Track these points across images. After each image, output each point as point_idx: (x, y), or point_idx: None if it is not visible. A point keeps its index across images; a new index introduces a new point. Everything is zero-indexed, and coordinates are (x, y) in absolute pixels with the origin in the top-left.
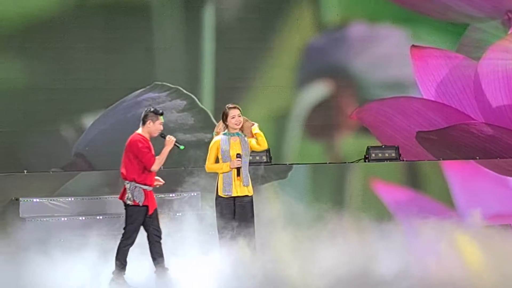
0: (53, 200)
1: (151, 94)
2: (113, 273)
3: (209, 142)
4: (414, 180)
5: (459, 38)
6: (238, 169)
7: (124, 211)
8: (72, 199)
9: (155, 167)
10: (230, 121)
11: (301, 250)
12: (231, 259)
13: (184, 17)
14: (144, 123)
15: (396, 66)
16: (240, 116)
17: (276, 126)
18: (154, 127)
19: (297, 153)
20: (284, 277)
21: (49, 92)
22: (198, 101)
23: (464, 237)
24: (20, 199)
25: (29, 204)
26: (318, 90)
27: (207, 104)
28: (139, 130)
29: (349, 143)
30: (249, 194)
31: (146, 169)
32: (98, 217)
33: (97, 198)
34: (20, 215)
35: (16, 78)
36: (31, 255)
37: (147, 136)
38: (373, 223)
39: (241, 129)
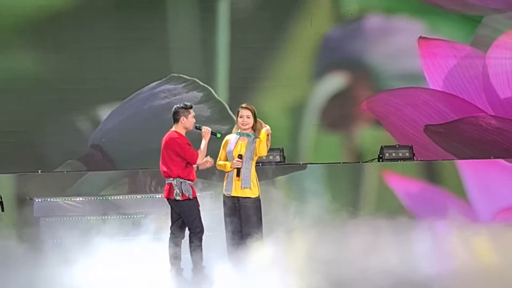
0: (67, 199)
1: (167, 86)
2: (192, 270)
3: (225, 134)
4: (429, 177)
5: (474, 29)
6: (238, 170)
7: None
8: (86, 198)
9: (199, 161)
10: (239, 121)
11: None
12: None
13: (199, 16)
14: (177, 121)
15: (412, 58)
16: (249, 117)
17: (292, 118)
18: (189, 122)
19: (313, 144)
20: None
21: (62, 92)
22: (214, 93)
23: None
24: (34, 198)
25: (43, 203)
26: (334, 82)
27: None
28: (174, 128)
29: (366, 134)
30: (252, 196)
31: (188, 164)
32: (111, 217)
33: (110, 198)
34: (34, 215)
35: (30, 79)
36: (45, 254)
37: (183, 132)
38: (391, 221)
39: (253, 129)
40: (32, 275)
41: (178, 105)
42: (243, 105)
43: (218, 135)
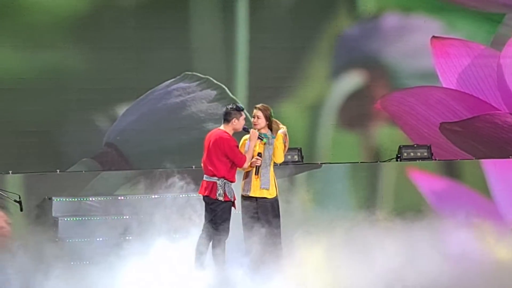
0: (85, 199)
1: (181, 84)
2: (215, 272)
3: (240, 134)
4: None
5: (495, 28)
6: (258, 168)
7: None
8: (104, 198)
9: (246, 164)
10: (252, 120)
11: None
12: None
13: (219, 15)
14: (228, 121)
15: (429, 57)
16: (259, 118)
17: (310, 117)
18: (239, 124)
19: (331, 144)
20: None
21: (81, 92)
22: (228, 91)
23: None
24: (53, 198)
25: (61, 203)
26: (351, 81)
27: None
28: (222, 127)
29: (383, 133)
30: (269, 197)
31: (234, 165)
32: (128, 217)
33: (128, 197)
34: (53, 215)
35: (49, 79)
36: (65, 255)
37: (231, 132)
38: (415, 219)
39: (270, 128)
40: (50, 274)
41: (231, 106)
42: (257, 105)
43: (265, 140)
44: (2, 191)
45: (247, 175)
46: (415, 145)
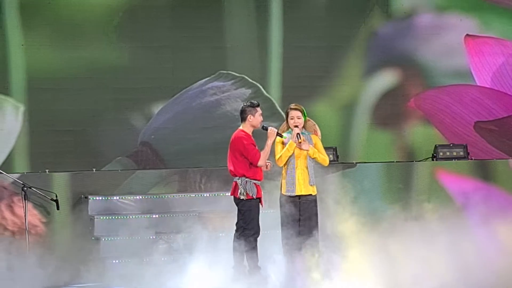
0: (121, 198)
1: (215, 83)
2: (248, 271)
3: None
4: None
5: None
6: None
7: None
8: (139, 197)
9: (261, 162)
10: (290, 122)
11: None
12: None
13: (253, 14)
14: (244, 119)
15: (464, 55)
16: (299, 118)
17: (344, 116)
18: (256, 120)
19: (365, 143)
20: None
21: (116, 91)
22: (263, 90)
23: None
24: (89, 197)
25: (97, 202)
26: (386, 79)
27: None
28: (241, 126)
29: (417, 132)
30: (313, 194)
31: (252, 165)
32: (164, 215)
33: (163, 197)
34: (89, 213)
35: (85, 78)
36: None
37: (249, 130)
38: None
39: (304, 127)
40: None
41: (245, 103)
42: (292, 106)
43: (284, 137)
44: (39, 190)
45: (287, 174)
46: (451, 145)
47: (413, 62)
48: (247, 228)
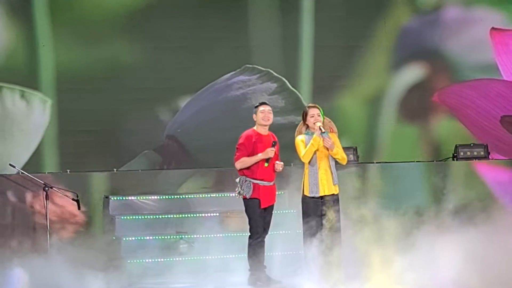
0: (142, 198)
1: (241, 77)
2: (249, 271)
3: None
4: None
5: None
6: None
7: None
8: (160, 197)
9: (237, 165)
10: (310, 120)
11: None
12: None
13: (279, 13)
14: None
15: (490, 49)
16: (319, 115)
17: (370, 110)
18: (258, 117)
19: (390, 138)
20: None
21: (136, 92)
22: (288, 84)
23: None
24: (110, 197)
25: (118, 202)
26: (412, 73)
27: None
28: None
29: (443, 126)
30: (335, 193)
31: (257, 163)
32: (185, 215)
33: (184, 197)
34: (110, 213)
35: (105, 78)
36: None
37: (260, 129)
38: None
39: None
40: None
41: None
42: (311, 104)
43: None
44: (60, 189)
45: (310, 175)
46: (472, 144)
47: (440, 56)
48: (250, 227)
